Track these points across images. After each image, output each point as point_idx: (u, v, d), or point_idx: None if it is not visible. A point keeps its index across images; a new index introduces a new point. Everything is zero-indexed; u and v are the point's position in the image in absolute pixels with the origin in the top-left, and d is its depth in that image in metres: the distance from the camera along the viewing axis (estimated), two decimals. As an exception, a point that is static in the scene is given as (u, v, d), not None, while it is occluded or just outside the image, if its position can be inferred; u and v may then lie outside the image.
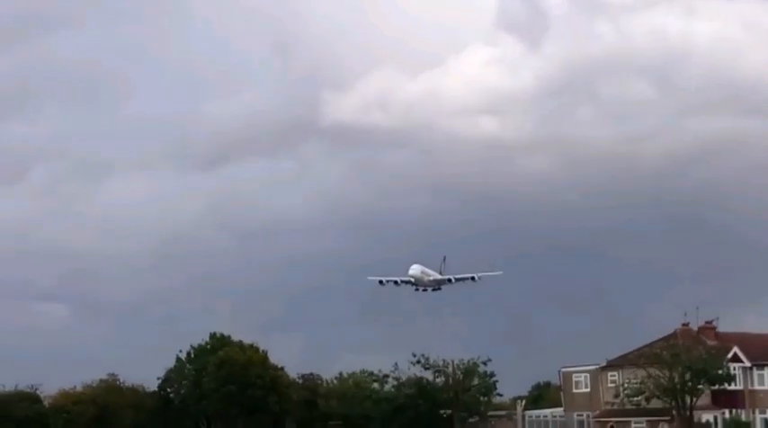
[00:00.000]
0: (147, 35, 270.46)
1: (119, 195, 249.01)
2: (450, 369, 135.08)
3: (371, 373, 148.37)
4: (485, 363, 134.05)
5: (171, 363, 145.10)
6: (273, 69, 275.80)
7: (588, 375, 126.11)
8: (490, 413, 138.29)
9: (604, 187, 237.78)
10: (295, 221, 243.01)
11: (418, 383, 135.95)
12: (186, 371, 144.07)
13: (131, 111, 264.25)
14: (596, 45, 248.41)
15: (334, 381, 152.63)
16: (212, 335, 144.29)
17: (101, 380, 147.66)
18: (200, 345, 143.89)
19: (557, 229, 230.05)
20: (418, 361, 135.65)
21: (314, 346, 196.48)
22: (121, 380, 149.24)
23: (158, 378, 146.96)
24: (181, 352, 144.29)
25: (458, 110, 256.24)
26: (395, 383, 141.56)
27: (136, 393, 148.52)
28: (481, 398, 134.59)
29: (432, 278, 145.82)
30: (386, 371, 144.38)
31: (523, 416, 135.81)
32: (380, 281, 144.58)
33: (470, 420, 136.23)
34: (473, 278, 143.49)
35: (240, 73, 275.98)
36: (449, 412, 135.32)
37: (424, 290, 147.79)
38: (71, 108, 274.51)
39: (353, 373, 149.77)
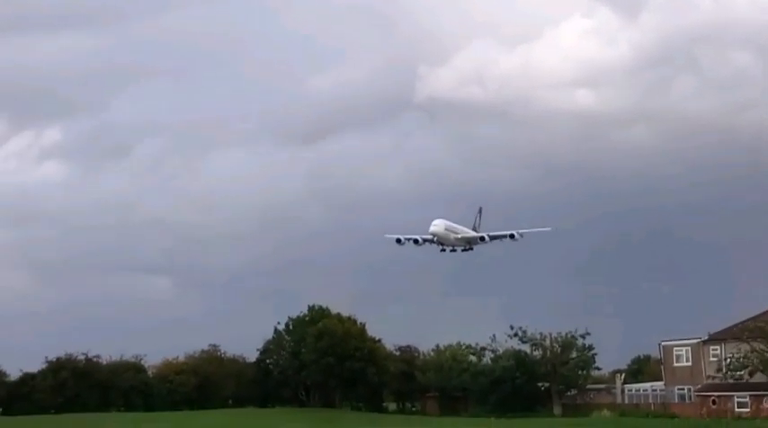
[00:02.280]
0: (251, 11, 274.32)
1: (221, 169, 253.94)
2: (548, 342, 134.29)
3: (468, 346, 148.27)
4: (583, 336, 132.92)
5: (270, 335, 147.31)
6: (373, 45, 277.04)
7: (689, 349, 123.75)
8: (589, 386, 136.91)
9: (704, 159, 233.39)
10: (392, 193, 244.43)
11: (516, 356, 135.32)
12: (284, 343, 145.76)
13: (233, 87, 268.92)
14: (695, 15, 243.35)
15: (431, 353, 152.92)
16: (311, 307, 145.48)
17: (202, 351, 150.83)
18: (298, 317, 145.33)
19: (656, 202, 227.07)
20: (516, 334, 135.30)
21: (411, 318, 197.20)
22: (222, 351, 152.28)
23: (257, 350, 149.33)
24: (279, 323, 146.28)
25: (554, 83, 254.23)
26: (492, 356, 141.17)
27: (236, 363, 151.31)
28: (579, 372, 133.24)
29: (460, 236, 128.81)
30: (483, 344, 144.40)
31: (623, 390, 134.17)
32: (398, 240, 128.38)
33: (568, 393, 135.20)
34: (512, 235, 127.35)
35: (340, 49, 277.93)
36: (547, 385, 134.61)
37: (453, 251, 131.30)
38: (175, 84, 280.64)
39: (450, 345, 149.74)
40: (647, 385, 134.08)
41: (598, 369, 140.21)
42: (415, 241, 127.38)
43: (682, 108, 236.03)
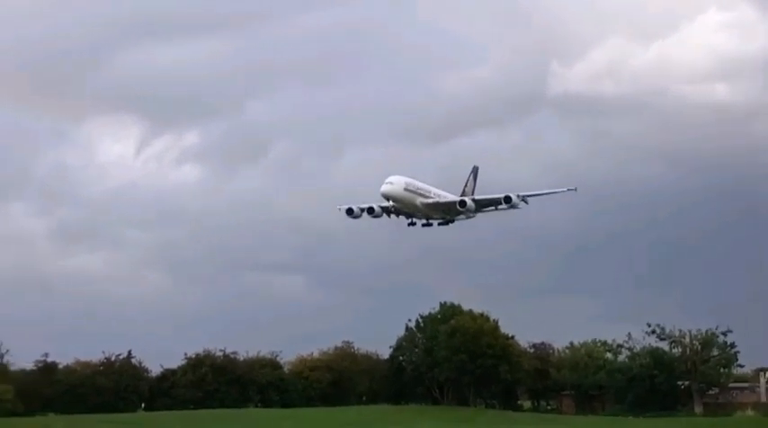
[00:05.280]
0: (382, 13, 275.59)
1: (353, 168, 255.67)
2: (687, 339, 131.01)
3: (604, 343, 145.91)
4: (724, 334, 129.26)
5: (402, 331, 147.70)
6: (504, 43, 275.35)
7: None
8: (731, 385, 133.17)
9: None
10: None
11: (653, 353, 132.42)
12: (417, 340, 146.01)
13: (366, 89, 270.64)
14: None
15: (566, 351, 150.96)
16: (443, 304, 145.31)
17: (336, 348, 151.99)
18: (430, 314, 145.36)
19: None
20: (653, 331, 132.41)
21: (544, 315, 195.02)
22: (356, 348, 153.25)
23: (390, 347, 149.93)
24: (410, 321, 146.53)
25: (690, 77, 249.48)
26: (629, 353, 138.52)
27: (369, 360, 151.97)
28: (721, 370, 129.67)
29: (431, 200, 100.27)
30: (619, 341, 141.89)
31: (767, 389, 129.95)
32: (349, 211, 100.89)
33: (710, 392, 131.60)
34: (507, 199, 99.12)
35: (471, 49, 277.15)
36: (687, 383, 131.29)
37: (427, 225, 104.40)
38: (309, 86, 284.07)
39: (585, 343, 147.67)
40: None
41: (741, 366, 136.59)
42: (370, 210, 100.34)
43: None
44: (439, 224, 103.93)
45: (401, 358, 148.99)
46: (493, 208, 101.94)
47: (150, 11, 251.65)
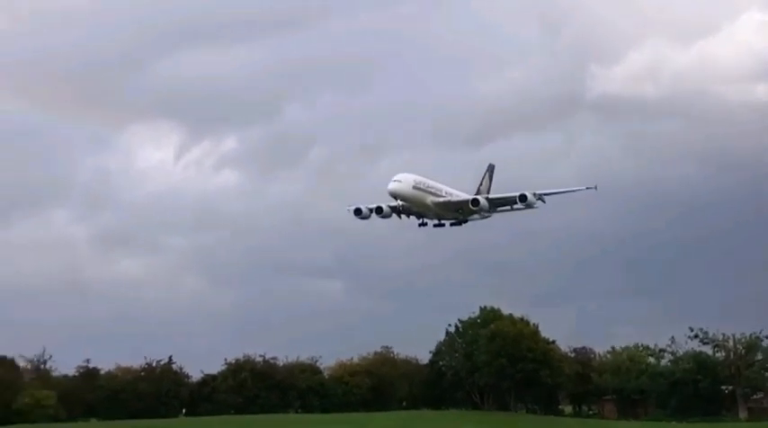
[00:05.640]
0: (417, 18, 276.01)
1: (391, 173, 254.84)
2: (731, 343, 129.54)
3: (647, 347, 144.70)
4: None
5: (441, 336, 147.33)
6: (541, 46, 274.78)
7: None
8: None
9: None
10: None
11: (696, 358, 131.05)
12: (456, 345, 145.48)
13: (402, 94, 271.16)
14: None
15: (608, 355, 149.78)
16: (482, 309, 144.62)
17: (375, 353, 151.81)
18: (469, 319, 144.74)
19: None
20: (696, 336, 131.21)
21: (585, 319, 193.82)
22: (395, 353, 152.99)
23: (430, 352, 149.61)
24: (450, 325, 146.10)
25: (731, 77, 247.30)
26: (671, 358, 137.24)
27: (409, 365, 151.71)
28: (766, 374, 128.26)
29: (442, 199, 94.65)
30: (661, 346, 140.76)
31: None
32: (357, 211, 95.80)
33: (754, 396, 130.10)
34: (522, 197, 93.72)
35: (508, 51, 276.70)
36: (730, 388, 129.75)
37: (439, 225, 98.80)
38: (347, 90, 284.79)
39: (627, 347, 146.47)
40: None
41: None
42: (378, 210, 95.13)
43: None
44: (451, 224, 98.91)
45: (441, 363, 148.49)
46: (508, 207, 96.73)
47: (188, 19, 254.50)
